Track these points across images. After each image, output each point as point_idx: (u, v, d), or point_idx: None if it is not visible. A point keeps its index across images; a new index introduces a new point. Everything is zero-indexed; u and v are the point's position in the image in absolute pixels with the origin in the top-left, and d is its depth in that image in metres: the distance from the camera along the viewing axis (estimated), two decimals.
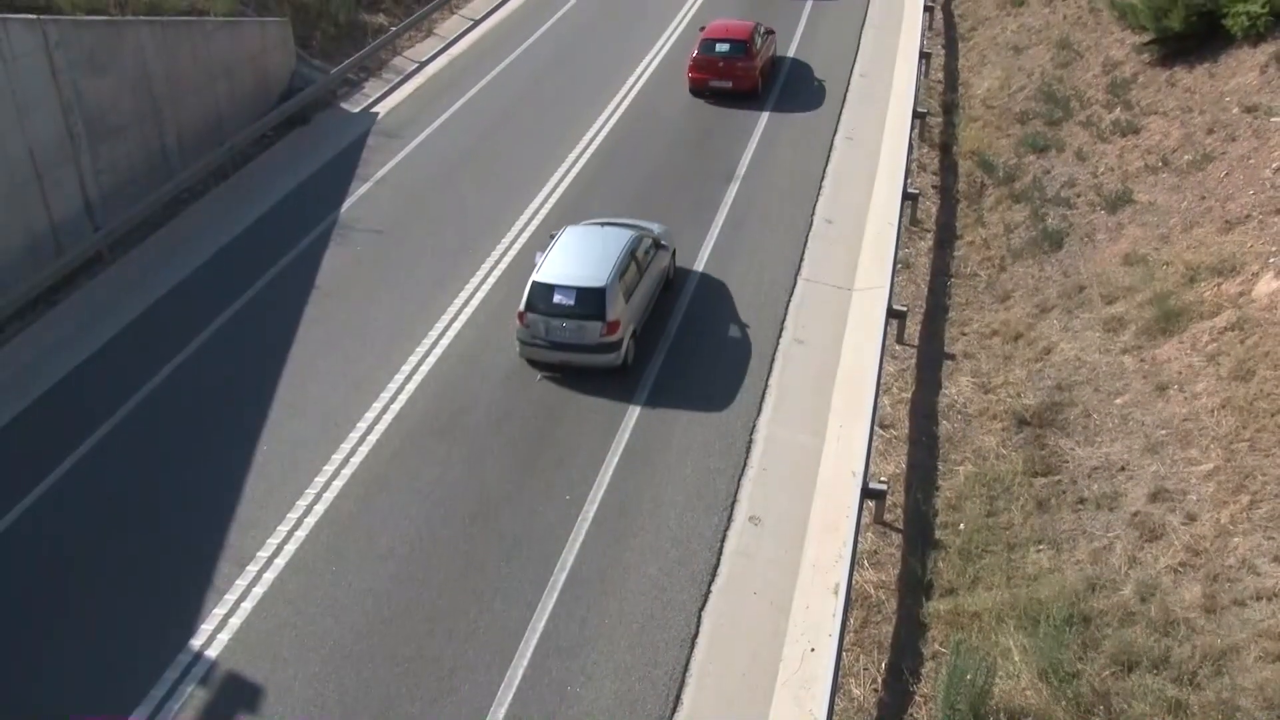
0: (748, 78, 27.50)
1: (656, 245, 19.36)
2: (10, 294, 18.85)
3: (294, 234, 21.97)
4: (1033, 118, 23.62)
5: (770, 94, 28.15)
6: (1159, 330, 15.32)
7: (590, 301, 17.15)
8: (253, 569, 14.03)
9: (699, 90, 27.93)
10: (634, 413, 16.77)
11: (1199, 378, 14.13)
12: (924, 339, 18.45)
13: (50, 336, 18.89)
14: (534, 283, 17.56)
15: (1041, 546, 13.04)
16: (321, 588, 13.74)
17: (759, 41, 28.16)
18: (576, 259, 17.87)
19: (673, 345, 18.41)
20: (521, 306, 17.52)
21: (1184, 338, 14.91)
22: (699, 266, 20.54)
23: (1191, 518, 12.30)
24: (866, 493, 14.16)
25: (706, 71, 27.64)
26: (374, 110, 27.99)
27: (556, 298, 17.29)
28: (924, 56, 28.87)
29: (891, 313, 18.00)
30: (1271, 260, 15.02)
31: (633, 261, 18.08)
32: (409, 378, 17.64)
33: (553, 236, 19.00)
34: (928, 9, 32.56)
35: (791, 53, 30.96)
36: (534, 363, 17.83)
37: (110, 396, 17.29)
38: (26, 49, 19.21)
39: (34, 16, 19.63)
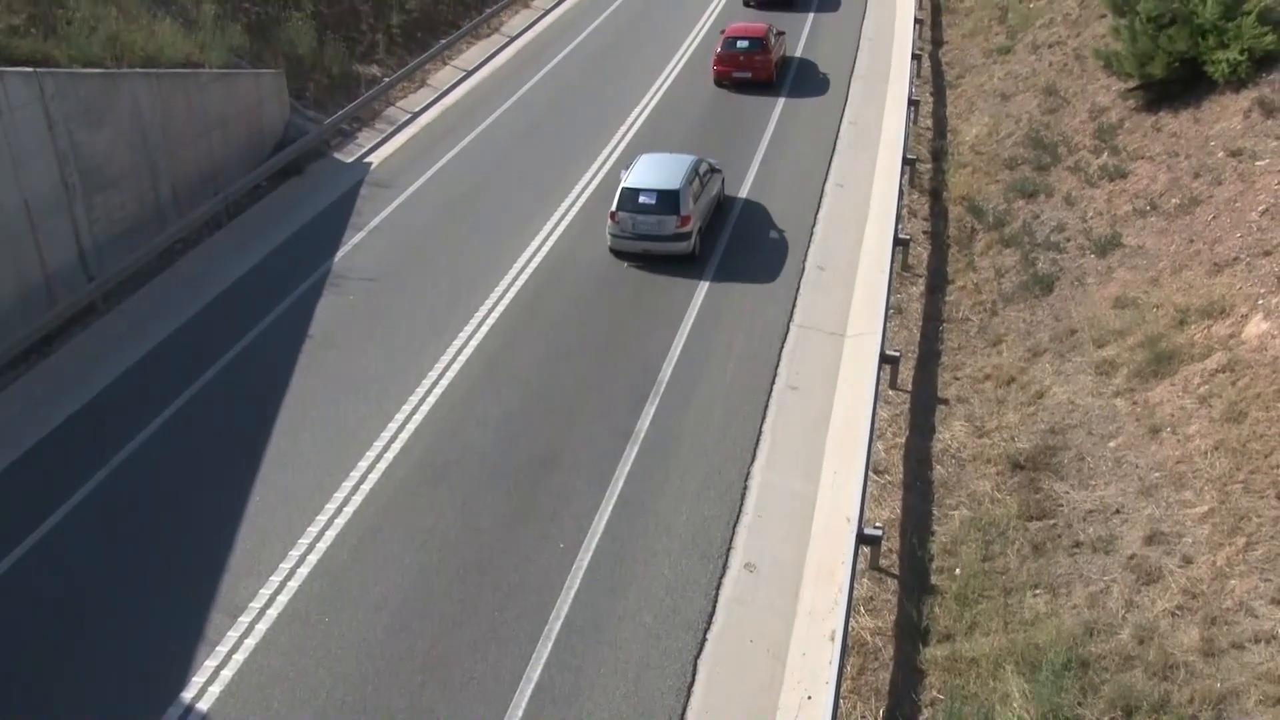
0: (765, 69, 31.88)
1: (712, 170, 24.11)
2: (3, 344, 18.84)
3: (288, 283, 22.02)
4: (1021, 163, 23.84)
5: (761, 142, 28.41)
6: (1151, 373, 15.38)
7: (667, 201, 21.65)
8: (245, 620, 13.92)
9: (722, 81, 32.22)
10: (628, 459, 16.75)
11: (1191, 420, 14.16)
12: (917, 384, 18.49)
13: (43, 387, 18.86)
14: (623, 189, 22.23)
15: (1038, 591, 12.99)
16: (314, 638, 13.63)
17: (773, 40, 32.58)
18: (655, 172, 22.55)
19: (666, 391, 18.42)
20: (613, 208, 22.19)
21: (1176, 380, 14.96)
22: (692, 316, 20.57)
23: (1188, 560, 12.28)
24: (862, 538, 14.12)
25: (729, 65, 31.96)
26: (367, 160, 28.17)
27: (641, 199, 21.88)
28: (913, 104, 29.16)
29: (884, 358, 18.04)
30: (1260, 302, 15.11)
31: (696, 176, 22.84)
32: (402, 426, 17.61)
33: (630, 163, 23.75)
34: (915, 57, 32.93)
35: (780, 105, 31.23)
36: (620, 253, 22.41)
37: (102, 446, 17.23)
38: (23, 101, 19.35)
39: (31, 70, 19.79)
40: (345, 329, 20.47)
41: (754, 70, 31.86)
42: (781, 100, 31.36)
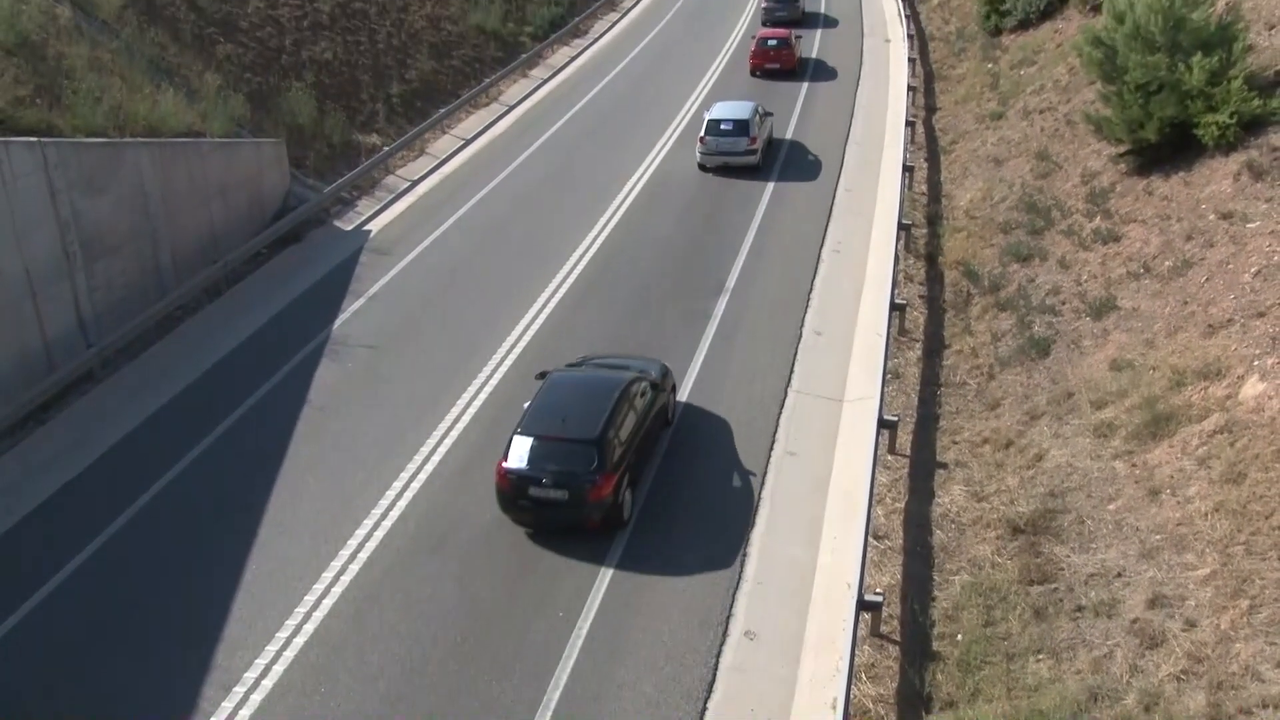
0: (790, 60, 40.77)
1: (767, 113, 33.07)
2: (1, 410, 18.83)
3: (286, 350, 22.07)
4: (1015, 227, 24.04)
5: (758, 208, 28.64)
6: (1149, 435, 15.37)
7: (741, 127, 30.81)
8: (239, 690, 13.76)
9: (757, 70, 40.93)
10: (628, 527, 16.66)
11: (1191, 481, 14.13)
12: (915, 449, 18.46)
13: (39, 454, 18.82)
14: (709, 120, 31.21)
15: (1041, 656, 12.87)
16: (310, 710, 13.45)
17: (794, 39, 41.71)
18: (730, 109, 31.61)
19: (664, 460, 18.35)
20: (702, 134, 31.12)
21: (1174, 442, 14.95)
22: (690, 381, 20.57)
23: (1191, 624, 12.18)
24: (862, 605, 14.01)
25: (762, 58, 40.78)
26: (366, 228, 28.38)
27: (722, 126, 30.87)
28: (907, 170, 29.47)
29: (882, 423, 18.03)
30: (1256, 363, 15.16)
31: (757, 113, 31.69)
32: (400, 494, 17.55)
33: (709, 106, 32.97)
34: (909, 124, 33.37)
35: (776, 171, 31.56)
36: (705, 166, 31.25)
37: (97, 515, 17.16)
38: (26, 170, 19.55)
39: (35, 139, 20.03)
40: (344, 396, 20.48)
41: (781, 62, 40.65)
42: (777, 167, 31.70)
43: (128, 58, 26.45)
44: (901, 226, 25.59)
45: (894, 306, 21.93)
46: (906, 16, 46.87)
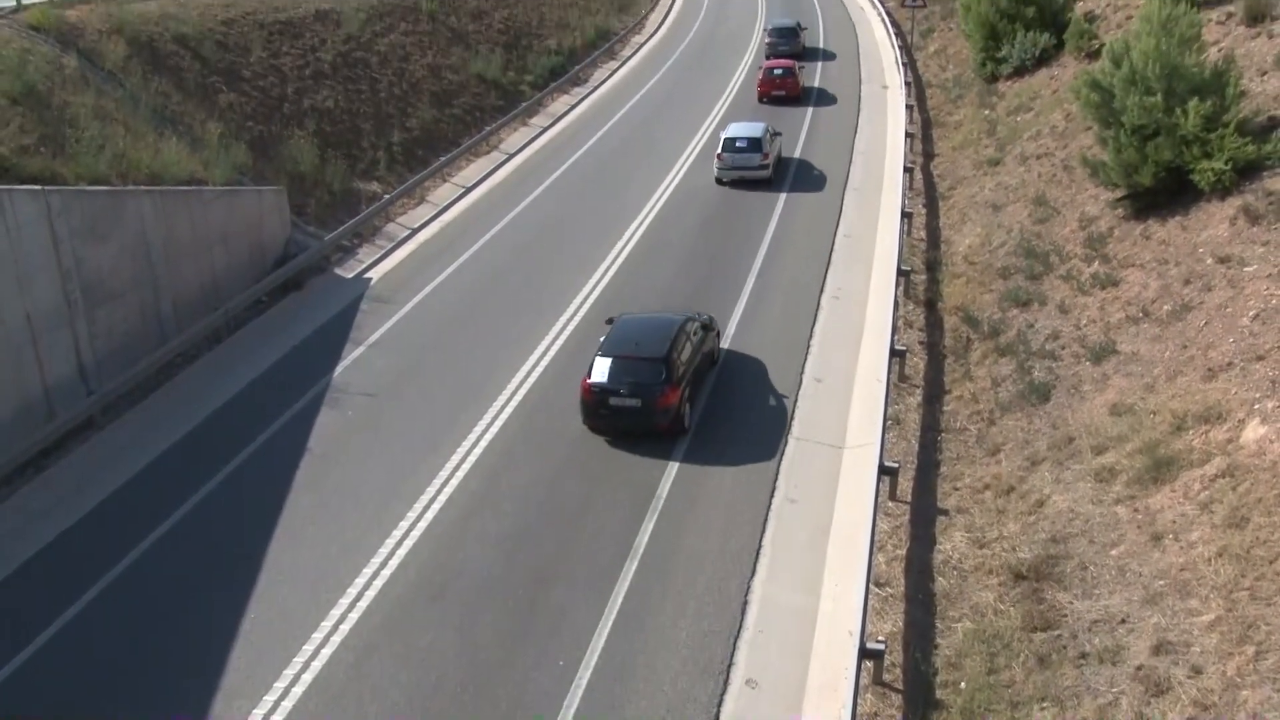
0: (795, 87, 45.03)
1: (778, 133, 36.48)
2: (1, 457, 18.80)
3: (287, 398, 22.07)
4: (1014, 273, 24.12)
5: (757, 254, 28.75)
6: (1150, 479, 15.33)
7: (755, 144, 34.09)
8: None
9: (764, 98, 44.79)
10: (628, 574, 16.58)
11: (1194, 526, 14.07)
12: (916, 495, 18.41)
13: (38, 501, 18.77)
14: (725, 138, 34.46)
15: (1045, 704, 12.74)
16: None
17: (798, 69, 46.42)
18: (743, 128, 34.90)
19: (664, 507, 18.30)
20: (719, 151, 34.32)
21: (1176, 486, 14.91)
22: (686, 440, 20.43)
23: (1197, 670, 12.07)
24: (864, 653, 13.90)
25: (769, 85, 44.87)
26: (367, 275, 28.48)
27: (738, 144, 34.08)
28: (906, 216, 29.61)
29: (883, 469, 17.98)
30: (1256, 406, 15.15)
31: (769, 132, 35.12)
32: (400, 542, 17.48)
33: (725, 127, 36.73)
34: (907, 170, 33.59)
35: (776, 217, 31.72)
36: (722, 180, 34.33)
37: (95, 563, 17.10)
38: (29, 218, 19.66)
39: (39, 188, 20.16)
40: (344, 443, 20.45)
41: (787, 89, 44.81)
42: (777, 213, 31.85)
43: (132, 106, 26.70)
44: (901, 272, 25.67)
45: (894, 352, 21.95)
46: (904, 64, 47.38)
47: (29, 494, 19.01)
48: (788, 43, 52.27)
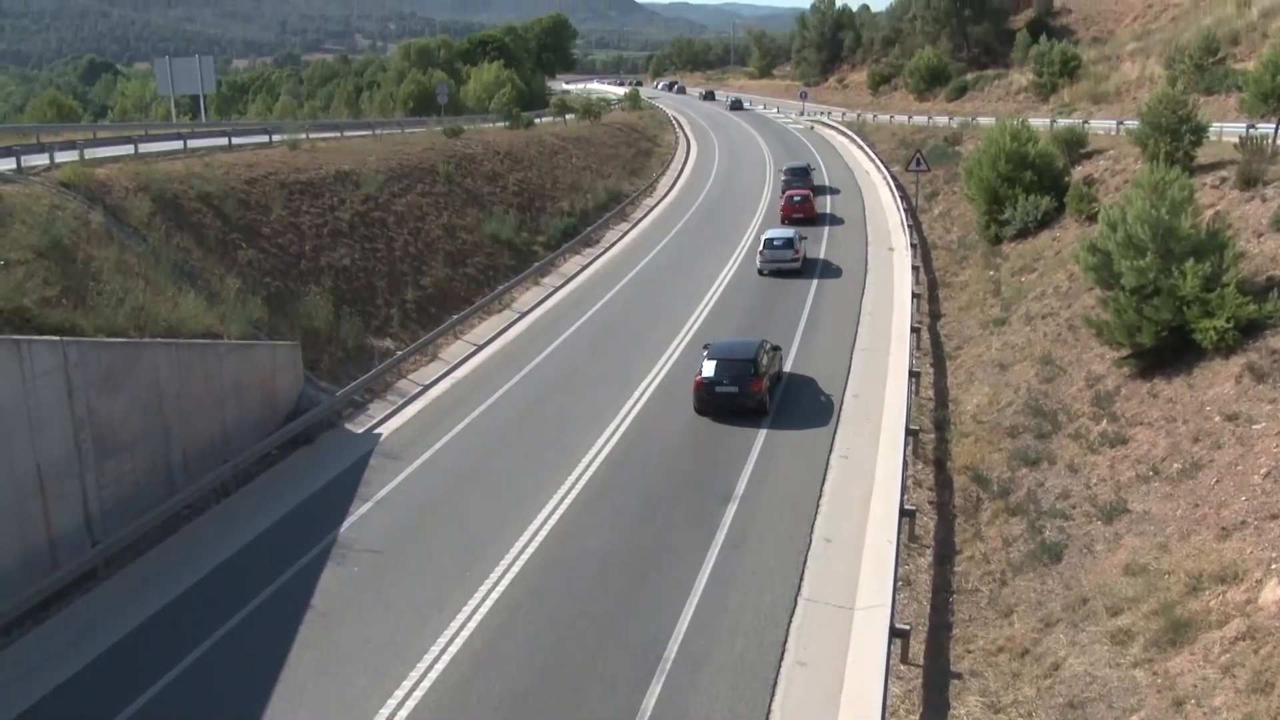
0: (810, 210, 54.43)
1: (803, 237, 46.82)
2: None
3: (292, 553, 21.89)
4: (1022, 431, 24.12)
5: (765, 415, 28.82)
6: (1168, 642, 14.98)
7: (789, 243, 43.71)
8: None
9: (787, 219, 53.20)
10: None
11: (1216, 691, 13.68)
12: (929, 658, 17.99)
13: (33, 654, 18.48)
14: (765, 239, 44.24)
15: None
16: None
17: (813, 195, 56.26)
18: (780, 232, 45.02)
19: (670, 673, 17.81)
20: (760, 249, 43.83)
21: (1195, 649, 14.56)
22: (695, 598, 20.01)
23: None
24: None
25: (790, 210, 53.96)
26: (377, 431, 28.58)
27: (775, 243, 43.52)
28: (913, 375, 29.79)
29: (894, 631, 17.62)
30: (1274, 566, 14.91)
31: (799, 236, 45.23)
32: (402, 703, 17.06)
33: (763, 232, 46.43)
34: (914, 330, 33.93)
35: (785, 374, 31.90)
36: (763, 271, 43.63)
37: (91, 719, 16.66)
38: (46, 368, 19.93)
39: (57, 338, 20.51)
40: (348, 601, 20.16)
41: (805, 212, 53.78)
42: (786, 371, 32.06)
43: (153, 261, 27.36)
44: (909, 432, 25.67)
45: (903, 512, 21.74)
46: (909, 226, 48.43)
47: (26, 645, 18.72)
48: (801, 180, 60.33)
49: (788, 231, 45.44)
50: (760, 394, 28.20)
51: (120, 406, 21.90)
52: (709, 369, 28.41)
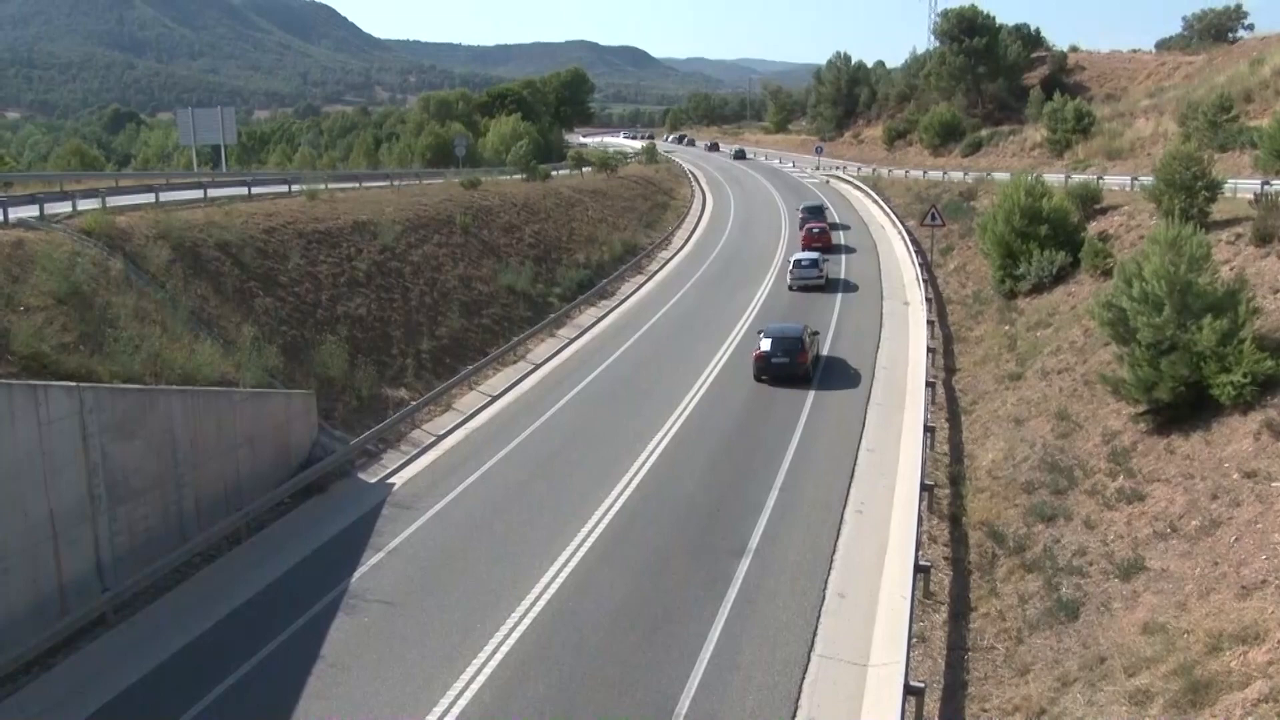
0: (828, 240, 61.99)
1: (827, 260, 54.40)
2: (6, 654, 18.51)
3: (303, 602, 21.77)
4: (1038, 487, 23.94)
5: (781, 465, 28.71)
6: (1188, 703, 14.73)
7: (815, 264, 51.79)
8: None
9: (808, 247, 58.72)
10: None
11: None
12: (944, 716, 17.72)
13: (39, 702, 18.33)
14: (794, 260, 52.50)
15: None
16: None
17: (829, 228, 64.74)
18: (806, 254, 53.68)
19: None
20: (790, 268, 52.17)
21: (1216, 710, 14.30)
22: (706, 655, 19.75)
23: None
24: None
25: (809, 240, 60.80)
26: (390, 481, 28.54)
27: (804, 264, 51.73)
28: (928, 430, 29.66)
29: (909, 690, 17.36)
30: None
31: (824, 258, 53.49)
32: None
33: (790, 254, 56.45)
34: (929, 384, 33.82)
35: (799, 430, 31.81)
36: (792, 288, 51.56)
37: None
38: (62, 414, 20.01)
39: (73, 384, 20.61)
40: (358, 652, 20.00)
41: (823, 242, 60.91)
42: (800, 426, 31.97)
43: (170, 308, 27.55)
44: (924, 487, 25.49)
45: (918, 568, 21.52)
46: (924, 281, 48.50)
47: (32, 692, 18.59)
48: (816, 217, 67.81)
49: (813, 254, 53.50)
50: (806, 365, 35.74)
51: (134, 453, 21.95)
52: (766, 344, 35.96)
